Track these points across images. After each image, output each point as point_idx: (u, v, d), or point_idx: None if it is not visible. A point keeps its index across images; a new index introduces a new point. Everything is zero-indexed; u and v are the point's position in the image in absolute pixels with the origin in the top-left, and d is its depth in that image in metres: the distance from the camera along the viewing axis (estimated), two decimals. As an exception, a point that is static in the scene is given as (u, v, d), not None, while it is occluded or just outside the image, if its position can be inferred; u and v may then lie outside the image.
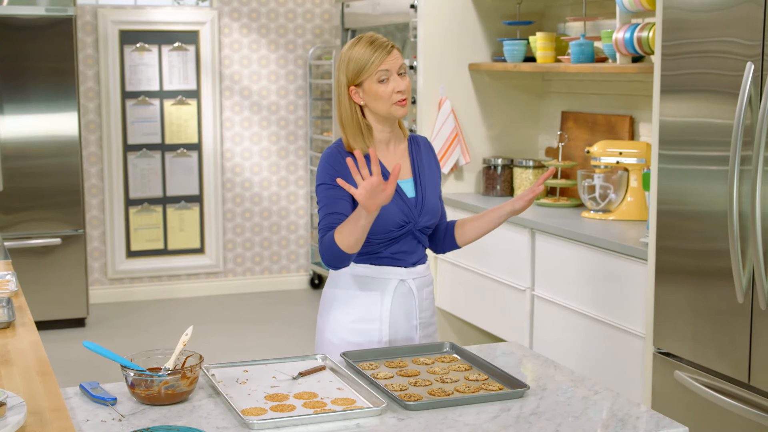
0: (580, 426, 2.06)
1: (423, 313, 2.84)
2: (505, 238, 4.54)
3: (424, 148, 2.87)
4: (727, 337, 3.04)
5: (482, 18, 5.18)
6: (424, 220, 2.76)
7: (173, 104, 6.79)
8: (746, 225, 2.91)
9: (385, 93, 2.68)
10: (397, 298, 2.78)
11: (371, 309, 2.78)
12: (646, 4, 3.99)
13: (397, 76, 2.69)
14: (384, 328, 2.78)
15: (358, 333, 2.78)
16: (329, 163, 2.71)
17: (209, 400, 2.20)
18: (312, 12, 7.06)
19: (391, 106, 2.69)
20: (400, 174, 2.75)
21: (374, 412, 2.09)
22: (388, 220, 2.69)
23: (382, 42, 2.70)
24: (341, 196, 2.67)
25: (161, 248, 6.90)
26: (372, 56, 2.67)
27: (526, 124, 5.35)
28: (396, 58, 2.69)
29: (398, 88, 2.67)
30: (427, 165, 2.84)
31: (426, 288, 2.85)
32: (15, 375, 2.19)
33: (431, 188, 2.81)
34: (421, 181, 2.79)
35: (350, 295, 2.79)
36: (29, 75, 5.90)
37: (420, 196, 2.77)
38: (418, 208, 2.76)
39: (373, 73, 2.67)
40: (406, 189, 2.77)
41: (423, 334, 2.86)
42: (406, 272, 2.78)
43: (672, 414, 3.24)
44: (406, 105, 2.71)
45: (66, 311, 6.11)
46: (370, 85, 2.68)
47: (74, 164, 6.03)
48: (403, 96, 2.69)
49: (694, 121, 3.15)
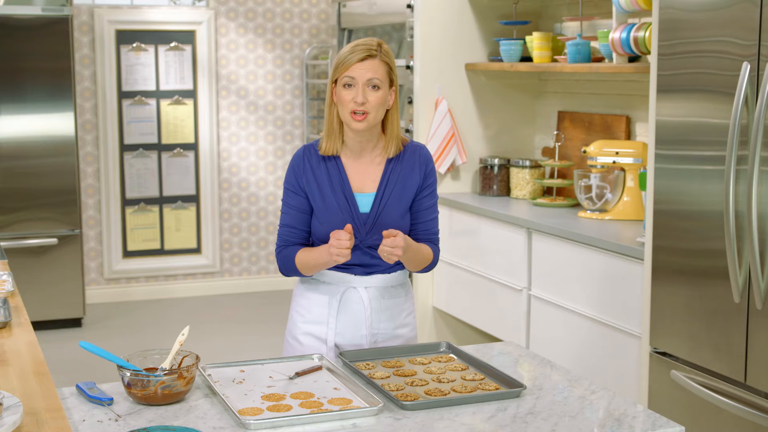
0: (576, 425, 2.07)
1: (382, 323, 2.73)
2: (502, 237, 4.55)
3: (412, 162, 2.70)
4: (723, 336, 3.04)
5: (479, 18, 5.18)
6: (373, 238, 2.66)
7: (170, 104, 6.79)
8: (742, 225, 2.91)
9: (345, 99, 2.59)
10: (345, 305, 2.71)
11: (320, 312, 2.74)
12: (642, 4, 3.99)
13: (366, 88, 2.57)
14: (330, 333, 2.72)
15: (307, 334, 2.76)
16: (292, 167, 2.72)
17: (206, 400, 2.20)
18: (308, 12, 7.06)
19: (348, 115, 2.59)
20: (361, 187, 2.68)
21: (371, 411, 2.09)
22: (330, 231, 2.61)
23: (362, 48, 2.59)
24: (296, 207, 2.71)
25: (158, 248, 6.89)
26: (345, 58, 2.60)
27: (523, 124, 5.35)
28: (366, 69, 2.57)
29: (357, 98, 2.56)
30: (403, 181, 2.69)
31: (388, 300, 2.73)
32: (11, 375, 2.19)
33: (396, 207, 2.68)
34: (382, 198, 2.67)
35: (305, 296, 2.78)
36: (25, 75, 5.89)
37: (375, 213, 2.66)
38: (368, 224, 2.66)
39: (341, 74, 2.60)
40: (363, 203, 2.68)
41: (382, 346, 2.71)
42: (359, 280, 2.70)
43: (668, 413, 3.24)
44: (363, 120, 2.58)
45: (62, 311, 6.10)
46: (339, 87, 2.62)
47: (71, 164, 6.02)
48: (359, 108, 2.57)
49: (690, 120, 3.15)
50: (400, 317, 2.77)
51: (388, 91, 2.63)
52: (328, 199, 2.66)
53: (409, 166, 2.71)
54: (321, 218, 2.67)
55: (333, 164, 2.68)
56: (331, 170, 2.68)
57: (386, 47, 2.64)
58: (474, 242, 4.79)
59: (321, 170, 2.68)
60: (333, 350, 2.73)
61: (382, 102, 2.60)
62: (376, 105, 2.59)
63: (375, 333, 2.73)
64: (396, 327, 2.77)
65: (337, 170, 2.68)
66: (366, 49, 2.59)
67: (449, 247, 5.01)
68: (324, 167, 2.68)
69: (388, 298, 2.74)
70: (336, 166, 2.68)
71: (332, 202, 2.66)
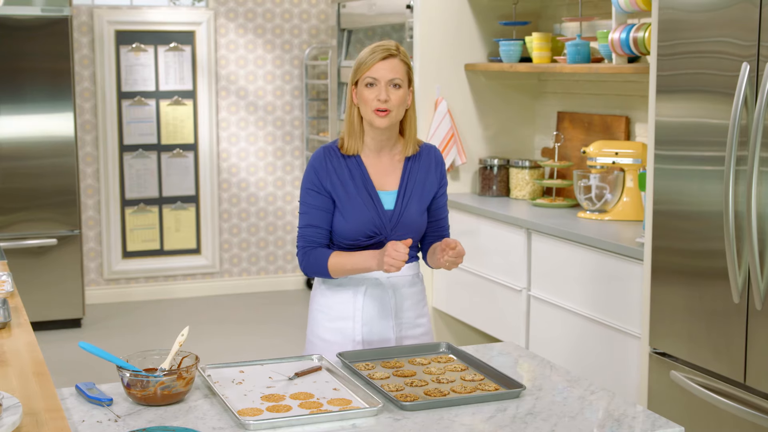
0: (576, 426, 2.07)
1: (405, 312, 2.81)
2: (502, 238, 4.55)
3: (428, 163, 2.81)
4: (722, 337, 3.04)
5: (478, 18, 5.18)
6: (397, 234, 2.73)
7: (169, 104, 6.79)
8: (742, 225, 2.91)
9: (368, 98, 2.67)
10: (370, 297, 2.77)
11: (345, 307, 2.78)
12: (641, 5, 4.00)
13: (389, 87, 2.66)
14: (357, 327, 2.77)
15: (333, 331, 2.80)
16: (313, 167, 2.76)
17: (205, 401, 2.20)
18: (308, 12, 7.06)
19: (371, 113, 2.68)
20: (383, 185, 2.76)
21: (370, 412, 2.09)
22: (358, 229, 2.71)
23: (383, 48, 2.68)
24: (319, 206, 2.74)
25: (157, 249, 6.89)
26: (366, 59, 2.68)
27: (522, 125, 5.35)
28: (389, 69, 2.66)
29: (380, 96, 2.65)
30: (423, 181, 2.79)
31: (409, 288, 2.81)
32: (11, 375, 2.19)
33: (416, 204, 2.77)
34: (404, 196, 2.75)
35: (328, 293, 2.82)
36: (25, 75, 5.89)
37: (399, 210, 2.74)
38: (393, 221, 2.74)
39: (362, 75, 2.69)
40: (386, 201, 2.75)
41: (405, 335, 2.82)
42: (381, 273, 2.76)
43: (668, 414, 3.24)
44: (386, 116, 2.67)
45: (62, 312, 6.10)
46: (361, 87, 2.70)
47: (70, 164, 6.02)
48: (382, 105, 2.65)
49: (689, 121, 3.15)
50: (419, 306, 2.86)
51: (407, 90, 2.72)
52: (353, 198, 2.72)
53: (426, 166, 2.80)
54: (347, 216, 2.72)
55: (354, 163, 2.75)
56: (353, 169, 2.74)
57: (404, 49, 2.74)
58: (474, 243, 4.79)
59: (343, 169, 2.74)
60: (360, 345, 2.77)
61: (403, 100, 2.69)
62: (398, 103, 2.68)
63: (400, 322, 2.80)
64: (417, 316, 2.84)
65: (359, 168, 2.74)
66: (386, 50, 2.68)
67: (449, 248, 5.01)
68: (345, 166, 2.75)
69: (409, 287, 2.82)
70: (357, 164, 2.75)
71: (357, 200, 2.72)
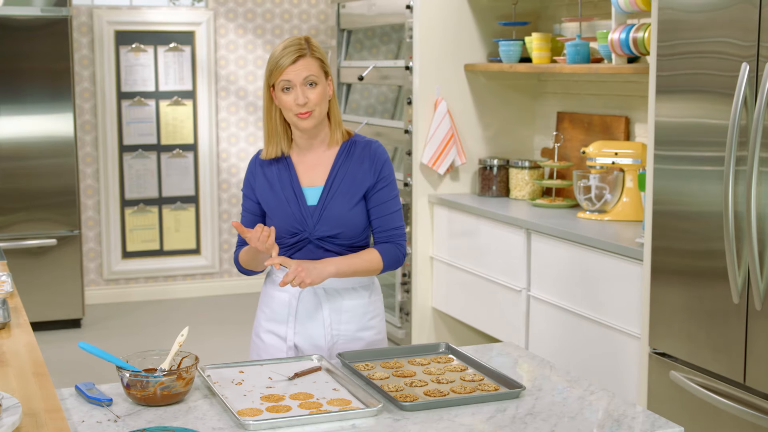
0: (575, 426, 2.07)
1: (344, 326, 2.74)
2: (501, 238, 4.55)
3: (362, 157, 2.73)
4: (722, 337, 3.04)
5: (478, 18, 5.18)
6: (321, 230, 2.68)
7: (169, 105, 6.79)
8: (741, 225, 2.91)
9: (288, 103, 2.63)
10: (304, 305, 2.74)
11: (282, 311, 2.78)
12: (641, 5, 4.00)
13: (304, 87, 2.61)
14: (290, 332, 2.76)
15: (269, 332, 2.81)
16: (247, 172, 2.84)
17: (205, 401, 2.20)
18: (308, 13, 7.06)
19: (294, 117, 2.64)
20: (311, 181, 2.73)
21: (370, 412, 2.09)
22: (280, 226, 2.70)
23: (291, 49, 2.61)
24: (249, 210, 2.82)
25: (157, 249, 6.89)
26: (278, 62, 2.62)
27: (522, 125, 5.35)
28: (300, 69, 2.60)
29: (298, 100, 2.60)
30: (353, 175, 2.71)
31: (349, 301, 2.74)
32: (10, 376, 2.19)
33: (343, 199, 2.69)
34: (330, 190, 2.70)
35: (268, 294, 2.84)
36: (25, 76, 5.89)
37: (321, 205, 2.69)
38: (315, 217, 2.69)
39: (277, 79, 2.63)
40: (310, 197, 2.72)
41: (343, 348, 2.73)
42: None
43: (667, 414, 3.25)
44: (309, 117, 2.63)
45: (61, 312, 6.10)
46: (278, 91, 2.65)
47: (70, 165, 6.02)
48: (303, 109, 2.61)
49: (689, 121, 3.15)
50: (363, 320, 2.78)
51: (326, 83, 2.67)
52: (278, 197, 2.73)
53: (359, 160, 2.73)
54: (272, 215, 2.75)
55: (283, 163, 2.76)
56: (282, 169, 2.75)
57: (314, 42, 2.67)
58: (473, 243, 4.79)
59: (272, 171, 2.76)
60: (293, 350, 2.75)
61: (322, 96, 2.65)
62: (318, 101, 2.64)
63: (335, 334, 2.75)
64: (358, 329, 2.77)
65: (286, 168, 2.75)
66: (296, 50, 2.61)
67: (448, 248, 5.01)
68: (275, 168, 2.76)
69: (348, 299, 2.75)
70: (286, 164, 2.75)
71: (281, 198, 2.73)
